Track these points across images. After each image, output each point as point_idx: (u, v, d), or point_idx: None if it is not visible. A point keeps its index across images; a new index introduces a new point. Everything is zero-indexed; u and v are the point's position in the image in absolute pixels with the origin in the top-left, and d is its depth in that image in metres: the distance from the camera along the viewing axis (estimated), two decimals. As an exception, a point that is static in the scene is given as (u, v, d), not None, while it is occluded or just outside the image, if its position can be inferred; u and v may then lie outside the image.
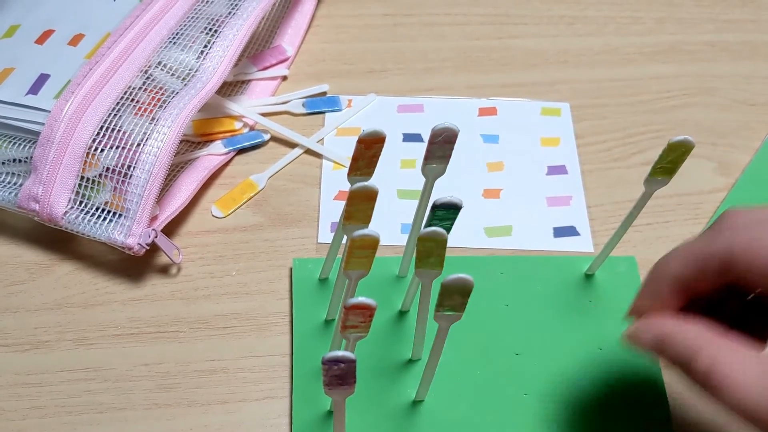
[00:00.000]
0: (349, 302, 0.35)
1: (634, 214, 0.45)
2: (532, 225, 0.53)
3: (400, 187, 0.54)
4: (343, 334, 0.37)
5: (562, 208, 0.54)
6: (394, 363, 0.47)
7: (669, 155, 0.42)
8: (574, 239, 0.52)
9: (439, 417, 0.45)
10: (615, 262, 0.51)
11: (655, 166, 0.42)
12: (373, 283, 0.48)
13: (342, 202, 0.53)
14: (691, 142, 0.41)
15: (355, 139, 0.40)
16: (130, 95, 0.50)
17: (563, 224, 0.53)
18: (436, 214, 0.39)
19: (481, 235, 0.53)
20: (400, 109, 0.58)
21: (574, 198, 0.54)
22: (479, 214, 0.54)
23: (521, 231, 0.53)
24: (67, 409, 0.45)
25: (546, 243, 0.52)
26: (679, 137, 0.41)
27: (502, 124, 0.58)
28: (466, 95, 0.59)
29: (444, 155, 0.42)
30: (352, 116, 0.58)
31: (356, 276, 0.39)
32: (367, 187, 0.39)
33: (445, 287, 0.37)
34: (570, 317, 0.49)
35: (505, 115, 0.58)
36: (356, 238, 0.37)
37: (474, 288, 0.49)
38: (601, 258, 0.49)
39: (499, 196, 0.54)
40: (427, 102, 0.59)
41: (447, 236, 0.38)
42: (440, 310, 0.38)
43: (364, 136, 0.40)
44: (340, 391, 0.36)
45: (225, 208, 0.53)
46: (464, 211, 0.53)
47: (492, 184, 0.55)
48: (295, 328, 0.48)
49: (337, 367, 0.34)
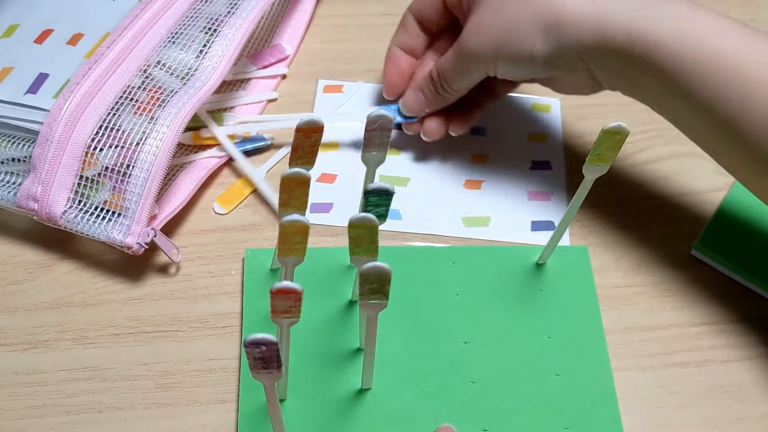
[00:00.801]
0: (274, 287, 0.35)
1: (577, 201, 0.46)
2: (511, 217, 0.54)
3: (382, 173, 0.54)
4: (274, 319, 0.37)
5: (543, 202, 0.54)
6: (342, 352, 0.47)
7: (604, 143, 0.42)
8: (552, 234, 0.52)
9: (385, 405, 0.46)
10: (567, 251, 0.51)
11: (592, 153, 0.42)
12: (323, 273, 0.49)
13: (323, 184, 0.53)
14: (625, 128, 0.41)
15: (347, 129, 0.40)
16: (129, 94, 0.50)
17: (542, 218, 0.53)
18: (369, 201, 0.39)
19: (458, 225, 0.53)
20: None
21: (555, 194, 0.55)
22: (459, 203, 0.54)
23: (499, 223, 0.53)
24: (66, 408, 0.45)
25: (522, 236, 0.53)
26: (613, 124, 0.41)
27: (491, 118, 0.58)
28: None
29: (382, 142, 0.42)
30: (343, 104, 0.58)
31: (292, 263, 0.40)
32: (299, 173, 0.39)
33: (364, 276, 0.37)
34: (520, 306, 0.49)
35: (496, 110, 0.58)
36: (286, 224, 0.37)
37: (424, 277, 0.50)
38: (551, 247, 0.49)
39: (480, 187, 0.55)
40: None
41: (378, 222, 0.38)
42: (363, 298, 0.38)
43: (302, 125, 0.40)
44: (266, 375, 0.36)
45: (227, 204, 0.53)
46: (444, 200, 0.54)
47: (474, 176, 0.55)
48: (245, 319, 0.48)
49: (259, 350, 0.34)
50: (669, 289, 0.51)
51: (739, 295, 0.51)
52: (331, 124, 0.54)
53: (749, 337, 0.49)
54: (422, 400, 0.46)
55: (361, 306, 0.39)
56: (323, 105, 0.58)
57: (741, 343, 0.49)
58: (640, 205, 0.55)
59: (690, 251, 0.53)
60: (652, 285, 0.51)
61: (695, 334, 0.50)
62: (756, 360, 0.49)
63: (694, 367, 0.48)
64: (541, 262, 0.51)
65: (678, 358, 0.49)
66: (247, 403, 0.45)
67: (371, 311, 0.40)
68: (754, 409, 0.47)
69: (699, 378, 0.48)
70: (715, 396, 0.47)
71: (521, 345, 0.48)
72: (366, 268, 0.36)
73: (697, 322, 0.50)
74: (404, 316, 0.48)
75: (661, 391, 0.47)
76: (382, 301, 0.38)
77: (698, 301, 0.51)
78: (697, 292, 0.51)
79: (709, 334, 0.49)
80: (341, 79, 0.60)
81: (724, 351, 0.49)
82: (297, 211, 0.40)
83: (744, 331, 0.50)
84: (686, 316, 0.50)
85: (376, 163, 0.43)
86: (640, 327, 0.50)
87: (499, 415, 0.46)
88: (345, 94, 0.59)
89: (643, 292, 0.51)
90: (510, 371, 0.47)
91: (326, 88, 0.59)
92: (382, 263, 0.36)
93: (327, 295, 0.49)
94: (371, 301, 0.38)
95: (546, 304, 0.50)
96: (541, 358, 0.48)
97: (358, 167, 0.44)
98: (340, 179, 0.54)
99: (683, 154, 0.57)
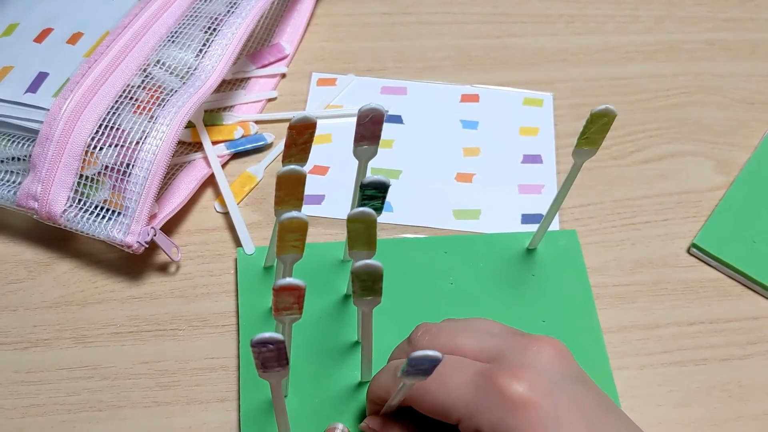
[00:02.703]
0: (277, 284, 0.35)
1: (566, 186, 0.46)
2: (501, 210, 0.54)
3: (374, 166, 0.55)
4: (277, 317, 0.37)
5: (533, 195, 0.54)
6: (340, 346, 0.47)
7: (592, 125, 0.42)
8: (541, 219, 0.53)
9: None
10: (556, 236, 0.52)
11: (580, 137, 0.43)
12: (317, 268, 0.49)
13: (316, 176, 0.54)
14: (613, 111, 0.41)
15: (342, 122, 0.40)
16: (129, 93, 0.50)
17: (532, 212, 0.54)
18: (365, 194, 0.39)
19: (449, 217, 0.53)
20: (384, 90, 0.59)
21: (546, 187, 0.55)
22: (450, 196, 0.54)
23: (489, 215, 0.54)
24: (66, 407, 0.45)
25: (513, 228, 0.53)
26: (600, 107, 0.41)
27: (483, 111, 0.58)
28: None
29: (374, 136, 0.42)
30: (335, 97, 0.58)
31: (291, 260, 0.40)
32: (295, 170, 0.39)
33: (355, 274, 0.37)
34: (513, 292, 0.50)
35: (487, 103, 0.59)
36: (285, 222, 0.37)
37: (418, 268, 0.50)
38: (541, 232, 0.50)
39: (472, 180, 0.55)
40: (411, 85, 0.60)
41: (376, 216, 0.38)
42: (356, 296, 0.38)
43: (295, 122, 0.40)
44: (273, 373, 0.36)
45: (224, 202, 0.53)
46: (435, 193, 0.54)
47: (466, 169, 0.55)
48: (242, 319, 0.48)
49: (267, 349, 0.34)
50: (668, 288, 0.51)
51: (738, 293, 0.51)
52: (323, 119, 0.54)
53: (748, 335, 0.50)
54: None
55: (355, 303, 0.39)
56: (317, 98, 0.58)
57: (740, 341, 0.49)
58: (639, 203, 0.55)
59: (689, 250, 0.53)
60: (651, 284, 0.51)
61: (694, 332, 0.50)
62: (755, 359, 0.49)
63: (693, 365, 0.48)
64: (532, 248, 0.51)
65: (677, 357, 0.49)
66: (249, 401, 0.45)
67: (365, 308, 0.40)
68: (753, 408, 0.47)
69: (698, 376, 0.48)
70: (713, 395, 0.47)
71: None
72: (357, 267, 0.37)
73: (695, 320, 0.50)
74: (400, 307, 0.48)
75: (660, 390, 0.47)
76: (375, 298, 0.39)
77: (697, 300, 0.51)
78: (695, 290, 0.51)
79: (708, 333, 0.50)
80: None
81: (722, 350, 0.49)
82: (293, 209, 0.40)
83: (742, 329, 0.50)
84: (685, 314, 0.50)
85: (368, 157, 0.43)
86: (638, 326, 0.50)
87: None
88: (338, 86, 0.59)
89: (642, 291, 0.51)
90: None
91: (319, 81, 0.59)
92: (373, 261, 0.36)
93: (323, 290, 0.49)
94: (364, 299, 0.39)
95: (539, 288, 0.50)
96: None
97: (351, 159, 0.44)
98: (333, 171, 0.55)
99: (682, 153, 0.57)
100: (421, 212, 0.53)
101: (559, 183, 0.55)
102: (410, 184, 0.55)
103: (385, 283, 0.38)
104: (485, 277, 0.50)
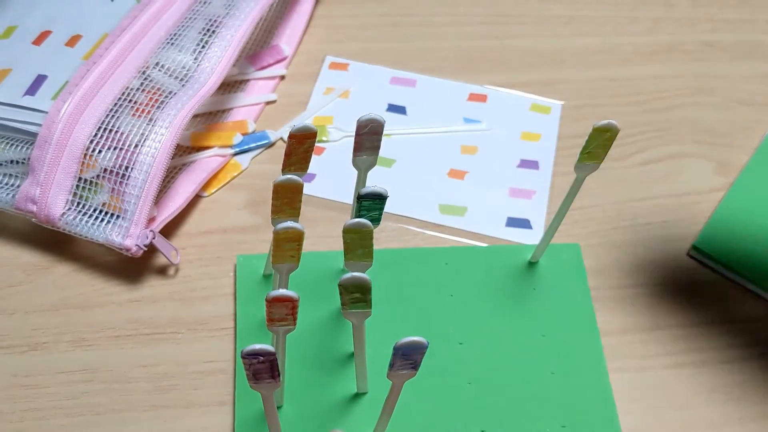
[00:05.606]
0: (270, 295, 0.35)
1: (569, 200, 0.46)
2: (487, 211, 0.54)
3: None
4: (270, 327, 0.37)
5: (523, 200, 0.54)
6: (337, 356, 0.47)
7: (595, 140, 0.42)
8: (525, 232, 0.53)
9: (381, 408, 0.45)
10: (559, 249, 0.51)
11: (582, 151, 0.43)
12: (314, 277, 0.49)
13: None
14: (615, 126, 0.41)
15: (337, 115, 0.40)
16: (128, 96, 0.49)
17: (518, 216, 0.54)
18: (362, 205, 0.39)
19: (434, 211, 0.53)
20: (393, 81, 0.60)
21: (538, 193, 0.55)
22: (439, 191, 0.54)
23: (474, 214, 0.53)
24: (65, 410, 0.45)
25: (495, 230, 0.53)
26: (603, 122, 0.41)
27: (488, 112, 0.58)
28: (463, 95, 0.60)
29: (373, 146, 0.42)
30: (340, 87, 0.59)
31: (287, 269, 0.39)
32: (292, 179, 0.39)
33: (344, 287, 0.37)
34: (514, 305, 0.49)
35: (494, 104, 0.59)
36: (280, 232, 0.37)
37: (418, 279, 0.50)
38: (543, 246, 0.50)
39: (464, 177, 0.55)
40: (421, 78, 0.60)
41: (372, 227, 0.38)
42: (346, 308, 0.38)
43: (295, 131, 0.40)
44: (265, 385, 0.36)
45: (207, 187, 0.53)
46: (425, 186, 0.54)
47: (460, 166, 0.56)
48: (239, 326, 0.48)
49: (257, 361, 0.34)
50: (667, 290, 0.51)
51: (738, 295, 0.51)
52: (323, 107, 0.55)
53: (748, 337, 0.49)
54: (419, 402, 0.46)
55: (345, 315, 0.39)
56: (325, 81, 0.59)
57: (739, 343, 0.49)
58: (638, 205, 0.55)
59: (688, 252, 0.53)
60: (651, 286, 0.51)
61: (694, 334, 0.50)
62: (755, 361, 0.49)
63: (693, 367, 0.48)
64: (534, 261, 0.51)
65: (677, 359, 0.49)
66: (243, 409, 0.45)
67: (355, 320, 0.40)
68: (753, 410, 0.47)
69: (698, 379, 0.48)
70: (714, 397, 0.47)
71: (516, 344, 0.48)
72: (345, 279, 0.36)
73: (695, 322, 0.50)
74: (399, 318, 0.48)
75: (660, 392, 0.47)
76: (365, 310, 0.38)
77: (697, 302, 0.51)
78: (695, 292, 0.51)
79: (708, 335, 0.50)
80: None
81: (722, 352, 0.49)
82: (289, 218, 0.39)
83: (742, 331, 0.50)
84: (685, 316, 0.50)
85: (367, 167, 0.43)
86: (638, 328, 0.50)
87: (497, 415, 0.46)
88: (350, 72, 0.59)
89: (642, 293, 0.51)
90: (506, 371, 0.47)
91: (332, 64, 0.60)
92: (360, 273, 0.36)
93: (320, 300, 0.48)
94: (354, 311, 0.38)
95: (540, 302, 0.50)
96: (536, 357, 0.48)
97: (347, 145, 0.43)
98: (328, 152, 0.55)
99: (682, 155, 0.57)
100: (407, 203, 0.53)
101: (552, 191, 0.55)
102: (401, 174, 0.55)
103: (384, 293, 0.38)
104: (486, 290, 0.50)
